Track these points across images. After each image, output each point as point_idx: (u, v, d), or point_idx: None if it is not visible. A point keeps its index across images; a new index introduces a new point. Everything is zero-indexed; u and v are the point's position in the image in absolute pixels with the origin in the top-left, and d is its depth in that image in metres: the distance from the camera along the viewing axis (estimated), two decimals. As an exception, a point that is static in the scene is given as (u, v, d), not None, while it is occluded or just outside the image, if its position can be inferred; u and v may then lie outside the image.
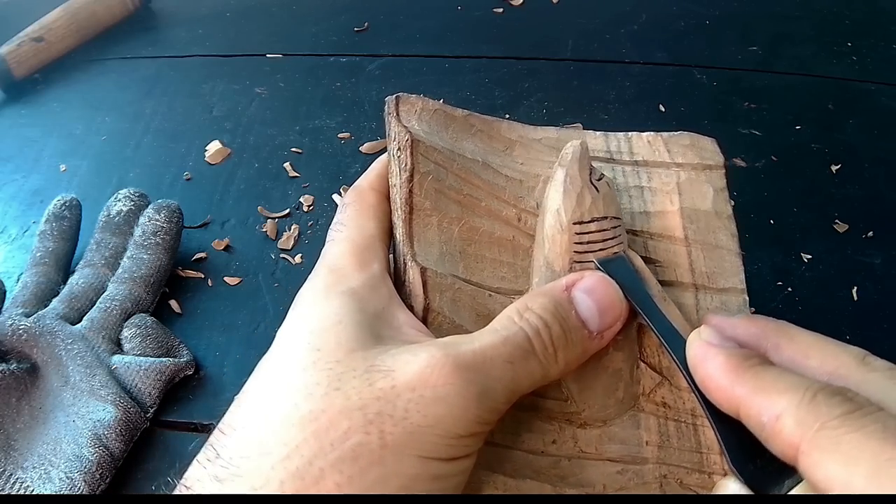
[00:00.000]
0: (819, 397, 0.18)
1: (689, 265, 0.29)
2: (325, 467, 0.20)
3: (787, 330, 0.23)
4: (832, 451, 0.17)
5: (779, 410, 0.19)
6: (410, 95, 0.30)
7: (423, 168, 0.27)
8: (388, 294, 0.25)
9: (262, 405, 0.22)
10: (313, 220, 0.48)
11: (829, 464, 0.17)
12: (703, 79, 0.57)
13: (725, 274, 0.29)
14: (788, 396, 0.19)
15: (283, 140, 0.53)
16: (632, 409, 0.26)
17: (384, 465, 0.20)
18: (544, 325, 0.23)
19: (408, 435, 0.20)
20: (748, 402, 0.20)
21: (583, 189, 0.26)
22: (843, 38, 0.60)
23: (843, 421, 0.18)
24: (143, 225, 0.43)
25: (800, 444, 0.18)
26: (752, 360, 0.21)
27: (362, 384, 0.21)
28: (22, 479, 0.34)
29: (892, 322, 0.41)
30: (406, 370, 0.21)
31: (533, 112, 0.54)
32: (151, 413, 0.37)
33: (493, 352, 0.22)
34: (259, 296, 0.43)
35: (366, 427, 0.20)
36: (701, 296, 0.28)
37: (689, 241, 0.29)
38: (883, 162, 0.50)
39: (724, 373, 0.21)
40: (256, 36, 0.63)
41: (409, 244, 0.26)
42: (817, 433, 0.18)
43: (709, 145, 0.32)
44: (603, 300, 0.24)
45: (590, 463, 0.25)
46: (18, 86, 0.60)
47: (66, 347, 0.37)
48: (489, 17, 0.64)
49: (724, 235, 0.30)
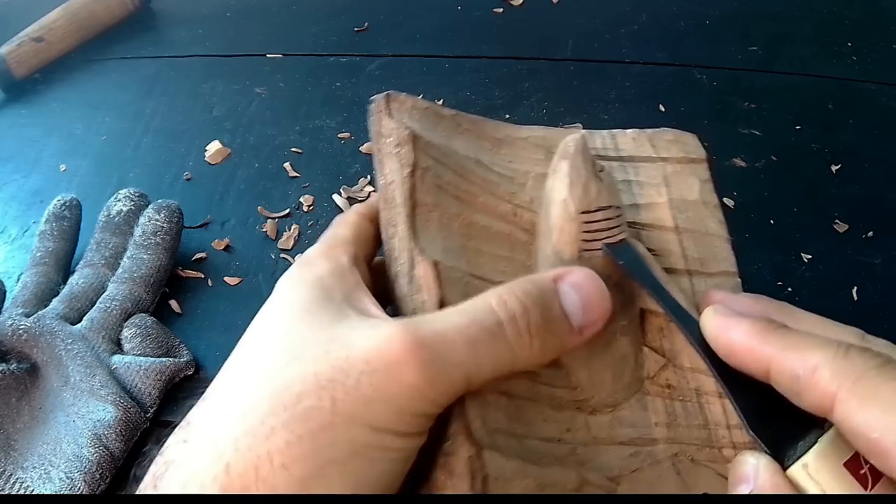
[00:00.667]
0: (852, 352, 0.20)
1: (682, 252, 0.29)
2: (276, 426, 0.20)
3: (789, 310, 0.24)
4: (871, 398, 0.19)
5: (814, 363, 0.20)
6: (399, 94, 0.30)
7: (423, 163, 0.27)
8: (355, 282, 0.26)
9: (229, 377, 0.23)
10: (313, 220, 0.48)
11: (869, 410, 0.19)
12: (703, 79, 0.57)
13: (717, 259, 0.30)
14: (823, 352, 0.20)
15: (283, 140, 0.53)
16: (638, 393, 0.27)
17: (335, 430, 0.20)
18: (523, 311, 0.23)
19: (359, 405, 0.21)
20: (780, 359, 0.21)
21: (588, 179, 0.26)
22: (843, 38, 0.60)
23: (880, 372, 0.19)
24: (143, 225, 0.43)
25: (837, 392, 0.19)
26: (777, 324, 0.22)
27: (319, 353, 0.22)
28: (22, 479, 0.34)
29: (893, 322, 0.41)
30: (363, 343, 0.22)
31: (533, 112, 0.54)
32: (151, 413, 0.37)
33: (455, 333, 0.22)
34: (259, 296, 0.43)
35: (318, 392, 0.21)
36: (695, 280, 0.29)
37: (679, 230, 0.30)
38: (883, 162, 0.50)
39: (752, 335, 0.22)
40: (256, 36, 0.63)
41: (416, 239, 0.26)
42: (856, 383, 0.19)
43: (691, 140, 0.33)
44: (589, 296, 0.24)
45: (604, 448, 0.25)
46: (18, 86, 0.60)
47: (66, 347, 0.37)
48: (489, 17, 0.64)
49: (713, 223, 0.30)
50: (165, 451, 0.22)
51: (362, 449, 0.21)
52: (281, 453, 0.20)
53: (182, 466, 0.21)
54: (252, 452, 0.20)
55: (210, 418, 0.22)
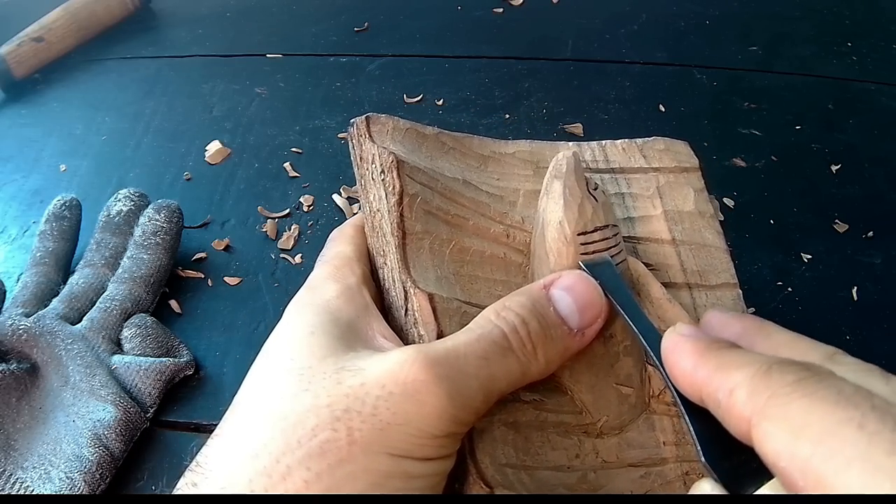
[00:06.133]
0: (773, 368, 0.17)
1: (680, 265, 0.29)
2: (292, 464, 0.20)
3: (766, 328, 0.22)
4: (780, 418, 0.16)
5: (733, 385, 0.18)
6: (380, 115, 0.29)
7: (410, 190, 0.26)
8: (363, 305, 0.25)
9: (238, 414, 0.22)
10: (313, 220, 0.48)
11: (776, 433, 0.16)
12: (703, 79, 0.57)
13: (716, 270, 0.29)
14: (744, 370, 0.18)
15: (283, 140, 0.53)
16: (644, 413, 0.26)
17: (353, 461, 0.20)
18: (521, 322, 0.23)
19: (377, 432, 0.20)
20: (708, 382, 0.19)
21: (583, 200, 0.26)
22: (843, 38, 0.60)
23: (795, 388, 0.16)
24: (143, 225, 0.43)
25: (751, 416, 0.17)
26: (718, 345, 0.20)
27: (331, 384, 0.21)
28: (22, 479, 0.34)
29: (892, 322, 0.41)
30: (376, 369, 0.21)
31: (533, 112, 0.54)
32: (151, 413, 0.37)
33: (466, 348, 0.22)
34: (259, 296, 0.43)
35: (333, 424, 0.20)
36: (696, 293, 0.29)
37: (676, 243, 0.29)
38: (883, 162, 0.50)
39: (689, 356, 0.20)
40: (256, 36, 0.63)
41: (407, 271, 0.25)
42: (767, 401, 0.16)
43: (683, 148, 0.32)
44: (582, 297, 0.24)
45: (614, 472, 0.25)
46: (18, 86, 0.60)
47: (66, 347, 0.37)
48: (489, 17, 0.64)
49: (710, 234, 0.30)
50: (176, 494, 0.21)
51: (382, 480, 0.20)
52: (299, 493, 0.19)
53: None
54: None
55: (221, 459, 0.21)
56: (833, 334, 0.40)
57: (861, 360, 0.19)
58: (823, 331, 0.40)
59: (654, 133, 0.34)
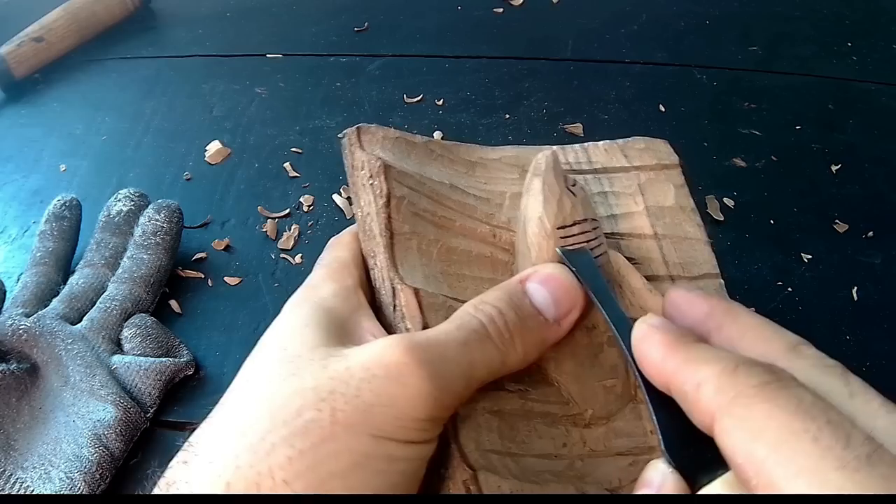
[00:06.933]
0: (740, 368, 0.18)
1: (662, 258, 0.30)
2: (276, 442, 0.20)
3: (734, 311, 0.22)
4: (742, 419, 0.17)
5: (700, 379, 0.19)
6: (370, 125, 0.30)
7: (398, 193, 0.28)
8: (357, 304, 0.27)
9: (230, 399, 0.23)
10: (313, 220, 0.48)
11: (737, 432, 0.17)
12: (703, 79, 0.57)
13: (697, 262, 0.30)
14: (712, 366, 0.19)
15: (283, 140, 0.53)
16: (631, 402, 0.27)
17: (336, 440, 0.20)
18: (498, 313, 0.24)
19: (360, 413, 0.21)
20: (675, 374, 0.20)
21: (562, 195, 0.27)
22: (843, 38, 0.60)
23: (759, 391, 0.17)
24: (143, 225, 0.43)
25: (715, 412, 0.18)
26: (687, 338, 0.21)
27: (318, 368, 0.22)
28: (22, 479, 0.34)
29: (892, 322, 0.41)
30: (361, 354, 0.22)
31: (533, 112, 0.54)
32: (151, 413, 0.37)
33: (446, 336, 0.23)
34: (259, 296, 0.43)
35: (317, 405, 0.21)
36: (678, 285, 0.29)
37: (658, 237, 0.30)
38: (883, 162, 0.50)
39: (658, 347, 0.21)
40: (256, 36, 0.63)
41: (395, 269, 0.26)
42: (732, 400, 0.17)
43: (663, 147, 0.33)
44: (557, 289, 0.25)
45: (602, 460, 0.25)
46: (18, 86, 0.60)
47: (66, 347, 0.37)
48: (489, 17, 0.64)
49: (691, 227, 0.31)
50: (167, 472, 0.22)
51: (364, 460, 0.21)
52: (282, 469, 0.20)
53: (183, 487, 0.21)
54: (253, 470, 0.20)
55: (211, 438, 0.22)
56: (833, 334, 0.40)
57: (825, 355, 0.20)
58: (823, 331, 0.40)
59: (655, 133, 0.35)
